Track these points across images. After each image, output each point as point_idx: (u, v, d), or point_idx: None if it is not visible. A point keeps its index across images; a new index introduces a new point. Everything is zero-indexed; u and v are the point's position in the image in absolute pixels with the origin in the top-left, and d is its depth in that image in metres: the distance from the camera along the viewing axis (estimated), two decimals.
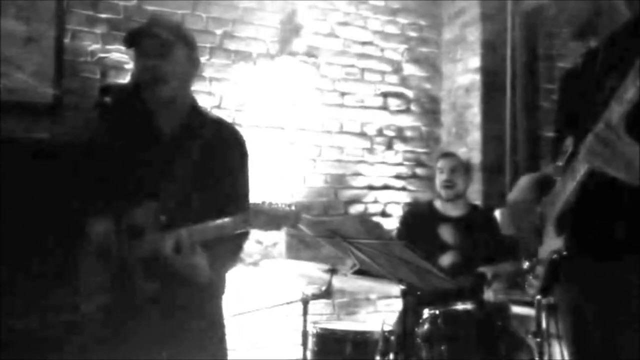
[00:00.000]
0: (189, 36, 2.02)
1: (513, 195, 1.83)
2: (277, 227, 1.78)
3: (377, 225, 2.26)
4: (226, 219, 1.79)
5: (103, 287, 1.90)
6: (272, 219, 1.77)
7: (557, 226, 1.67)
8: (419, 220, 3.35)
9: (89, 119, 2.94)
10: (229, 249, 1.93)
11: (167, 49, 1.90)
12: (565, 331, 1.80)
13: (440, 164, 3.33)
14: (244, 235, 1.97)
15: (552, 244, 1.67)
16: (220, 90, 3.58)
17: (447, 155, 3.40)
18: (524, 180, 1.86)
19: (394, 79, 4.10)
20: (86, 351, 1.92)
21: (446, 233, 3.26)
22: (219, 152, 1.98)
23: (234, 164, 2.00)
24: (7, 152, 2.79)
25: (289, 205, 1.79)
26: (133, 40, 1.94)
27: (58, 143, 2.98)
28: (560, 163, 1.69)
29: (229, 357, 2.05)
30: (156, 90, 1.90)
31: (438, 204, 3.36)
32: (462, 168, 3.31)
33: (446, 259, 3.19)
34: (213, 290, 2.00)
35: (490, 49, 4.00)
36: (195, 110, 2.03)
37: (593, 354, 1.66)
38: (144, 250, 1.87)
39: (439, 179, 3.31)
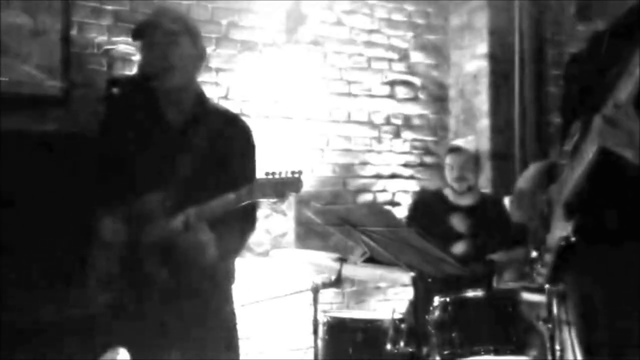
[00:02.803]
0: (194, 26, 2.04)
1: (520, 184, 1.83)
2: (281, 195, 1.81)
3: (387, 213, 2.26)
4: (230, 194, 1.82)
5: (114, 278, 1.91)
6: (274, 188, 1.80)
7: (566, 212, 1.66)
8: (429, 209, 3.34)
9: (98, 111, 2.96)
10: (236, 229, 1.94)
11: (174, 39, 1.92)
12: (575, 318, 1.80)
13: (450, 160, 3.31)
14: (251, 216, 2.00)
15: (561, 230, 1.67)
16: (226, 81, 3.57)
17: (455, 150, 3.35)
18: (531, 169, 1.86)
19: (401, 67, 4.08)
20: (98, 342, 1.94)
21: (457, 222, 3.25)
22: (225, 142, 1.99)
23: (239, 154, 2.01)
24: (15, 145, 2.80)
25: (292, 172, 1.80)
26: (141, 32, 1.96)
27: (66, 135, 2.99)
28: (567, 148, 1.68)
29: (240, 346, 2.05)
30: (164, 80, 1.92)
31: (448, 192, 3.35)
32: (472, 162, 3.29)
33: (458, 248, 3.18)
34: (223, 278, 2.01)
35: (498, 35, 3.97)
36: (201, 100, 2.04)
37: (601, 341, 1.66)
38: (153, 237, 1.89)
39: (450, 175, 3.30)
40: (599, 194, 1.60)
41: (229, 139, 2.00)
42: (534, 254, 1.78)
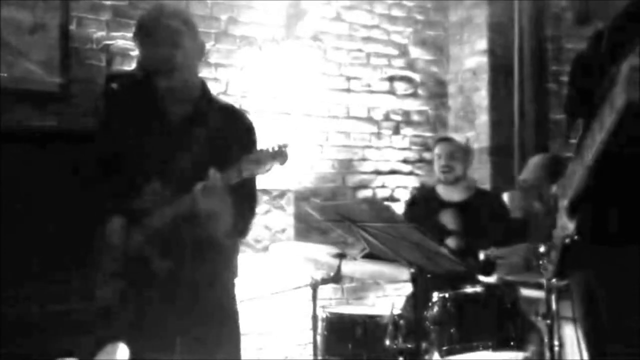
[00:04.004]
0: (194, 22, 2.04)
1: (523, 175, 1.83)
2: (263, 167, 1.81)
3: (387, 208, 2.26)
4: (217, 173, 1.80)
5: (118, 272, 1.92)
6: (258, 161, 1.80)
7: (569, 210, 1.66)
8: (422, 206, 3.34)
9: (97, 107, 2.96)
10: (238, 210, 1.94)
11: (178, 38, 1.92)
12: (579, 314, 1.80)
13: (438, 149, 3.30)
14: (252, 195, 2.02)
15: (566, 227, 1.67)
16: (225, 76, 3.57)
17: (444, 140, 3.34)
18: (534, 160, 1.86)
19: (400, 62, 4.07)
20: (99, 336, 1.94)
21: (446, 218, 3.24)
22: (227, 137, 1.99)
23: (243, 148, 2.00)
24: (15, 141, 2.80)
25: (279, 146, 1.81)
26: (144, 29, 1.95)
27: (66, 131, 2.98)
28: (571, 145, 1.68)
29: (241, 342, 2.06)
30: (169, 79, 1.93)
31: (440, 189, 3.35)
32: (461, 152, 3.27)
33: (449, 244, 3.18)
34: (226, 273, 2.02)
35: (498, 30, 3.97)
36: (205, 96, 2.04)
37: (605, 337, 1.66)
38: (155, 225, 1.90)
39: (437, 164, 3.29)
40: (602, 194, 1.60)
41: (231, 135, 2.00)
42: (542, 248, 1.78)
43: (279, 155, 1.81)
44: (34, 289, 2.70)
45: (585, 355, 1.80)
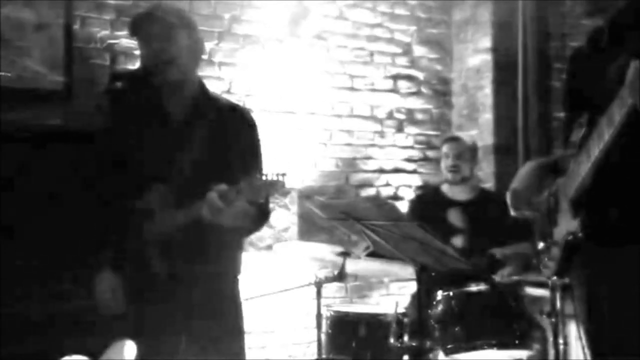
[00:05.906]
0: (190, 19, 2.04)
1: (514, 184, 1.83)
2: (265, 197, 1.78)
3: (391, 206, 2.26)
4: (215, 197, 1.76)
5: (120, 271, 1.92)
6: (259, 189, 1.75)
7: (573, 208, 1.65)
8: (427, 206, 3.35)
9: (101, 106, 2.96)
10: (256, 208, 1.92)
11: (170, 32, 1.92)
12: (580, 312, 1.80)
13: (446, 149, 3.33)
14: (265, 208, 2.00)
15: (568, 225, 1.66)
16: (229, 75, 3.57)
17: (452, 139, 3.38)
18: (525, 168, 1.86)
19: (403, 61, 4.07)
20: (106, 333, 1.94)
21: (454, 217, 3.25)
22: (229, 134, 1.99)
23: (244, 146, 2.01)
24: (16, 140, 2.80)
25: (277, 174, 1.76)
26: (137, 26, 1.95)
27: (70, 130, 2.98)
28: (573, 141, 1.67)
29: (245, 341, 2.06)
30: (164, 74, 1.92)
31: (445, 188, 3.36)
32: (468, 152, 3.31)
33: (455, 243, 3.19)
34: (230, 270, 2.02)
35: (501, 29, 3.95)
36: (204, 93, 2.04)
37: (606, 335, 1.66)
38: (157, 229, 1.90)
39: (445, 163, 3.32)
40: (606, 193, 1.59)
41: (233, 132, 2.00)
42: (541, 245, 1.78)
43: (274, 185, 1.75)
44: (35, 289, 2.71)
45: (587, 354, 1.79)
